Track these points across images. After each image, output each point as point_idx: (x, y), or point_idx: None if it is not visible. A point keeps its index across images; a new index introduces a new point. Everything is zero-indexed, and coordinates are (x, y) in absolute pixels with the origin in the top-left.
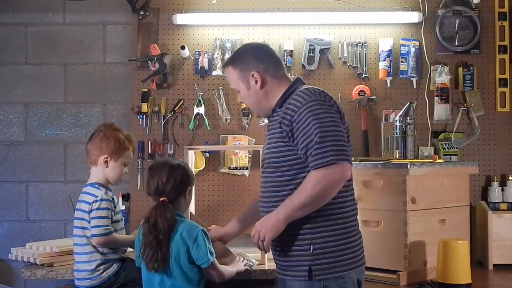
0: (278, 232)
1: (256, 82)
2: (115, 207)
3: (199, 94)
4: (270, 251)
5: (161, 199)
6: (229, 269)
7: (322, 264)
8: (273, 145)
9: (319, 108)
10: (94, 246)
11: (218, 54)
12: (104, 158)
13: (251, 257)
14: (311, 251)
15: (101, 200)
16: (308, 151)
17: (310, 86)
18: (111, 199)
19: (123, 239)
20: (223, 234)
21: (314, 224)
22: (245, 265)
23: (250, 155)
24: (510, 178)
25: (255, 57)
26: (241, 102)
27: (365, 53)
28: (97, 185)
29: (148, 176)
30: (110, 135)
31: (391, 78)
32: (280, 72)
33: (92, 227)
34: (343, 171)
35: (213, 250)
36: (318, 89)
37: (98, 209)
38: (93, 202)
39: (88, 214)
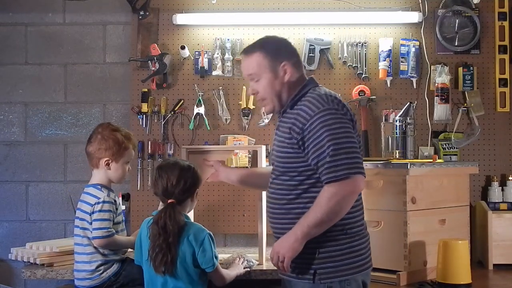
0: (296, 252)
1: (285, 72)
2: (117, 209)
3: (199, 94)
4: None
5: (169, 201)
6: (230, 273)
7: (327, 268)
8: (282, 149)
9: (332, 118)
10: (95, 247)
11: (218, 54)
12: (106, 161)
13: (250, 257)
14: (317, 255)
15: (104, 202)
16: (319, 162)
17: (323, 91)
18: (113, 201)
19: (124, 241)
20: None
21: None
22: (245, 267)
23: (250, 155)
24: (510, 178)
25: (286, 48)
26: (254, 94)
27: (365, 53)
28: (99, 187)
29: (156, 176)
30: (109, 137)
31: (391, 78)
32: (301, 70)
33: (94, 229)
34: (356, 184)
35: (217, 254)
36: (331, 95)
37: (100, 211)
38: (95, 204)
39: (90, 215)
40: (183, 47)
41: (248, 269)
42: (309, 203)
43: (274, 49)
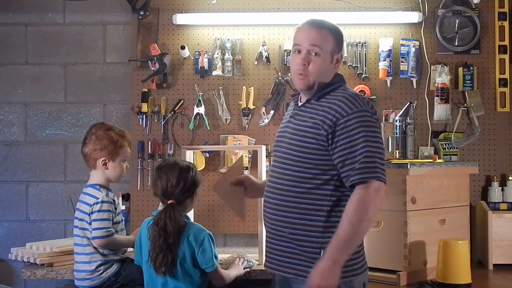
0: (338, 277)
1: (337, 62)
2: (116, 208)
3: (199, 94)
4: (273, 246)
5: (168, 201)
6: (229, 274)
7: None
8: (303, 139)
9: (369, 121)
10: (94, 247)
11: (218, 54)
12: (102, 161)
13: (250, 257)
14: (321, 255)
15: (102, 202)
16: (347, 161)
17: (354, 92)
18: (112, 201)
19: (124, 240)
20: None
21: (326, 229)
22: (245, 268)
23: (250, 155)
24: (510, 178)
25: (343, 43)
26: (304, 65)
27: (365, 53)
28: (98, 187)
29: (156, 176)
30: (103, 137)
31: (391, 78)
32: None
33: (93, 229)
34: (382, 191)
35: (217, 255)
36: (365, 98)
37: (99, 211)
38: (94, 204)
39: (89, 215)
40: (183, 47)
41: (248, 269)
42: (319, 201)
43: (340, 38)
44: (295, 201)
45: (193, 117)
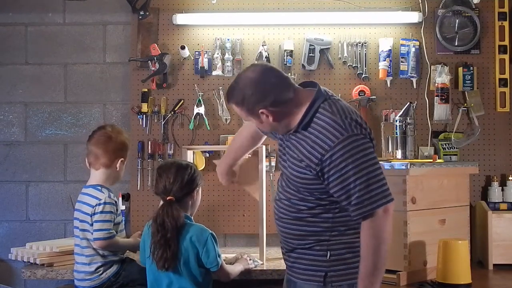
0: None
1: (267, 117)
2: (117, 209)
3: (199, 94)
4: (286, 256)
5: (167, 198)
6: (234, 269)
7: (338, 271)
8: (299, 170)
9: (354, 147)
10: (94, 249)
11: (218, 54)
12: (121, 161)
13: (254, 257)
14: (327, 257)
15: (105, 203)
16: (343, 196)
17: (335, 108)
18: (114, 202)
19: (124, 243)
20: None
21: (333, 230)
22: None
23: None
24: (510, 178)
25: (257, 94)
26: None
27: (365, 53)
28: (99, 187)
29: (156, 176)
30: (120, 138)
31: (391, 78)
32: (289, 94)
33: (95, 230)
34: (390, 212)
35: (221, 253)
36: (345, 115)
37: (101, 212)
38: (96, 205)
39: (91, 217)
40: (183, 47)
41: (254, 266)
42: (322, 214)
43: (245, 100)
44: (297, 216)
45: (193, 117)
